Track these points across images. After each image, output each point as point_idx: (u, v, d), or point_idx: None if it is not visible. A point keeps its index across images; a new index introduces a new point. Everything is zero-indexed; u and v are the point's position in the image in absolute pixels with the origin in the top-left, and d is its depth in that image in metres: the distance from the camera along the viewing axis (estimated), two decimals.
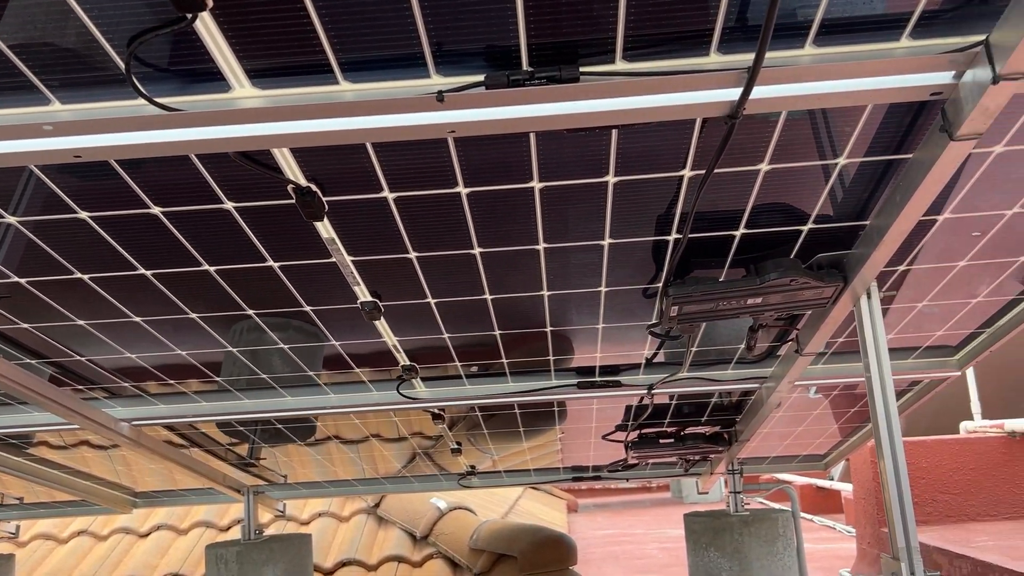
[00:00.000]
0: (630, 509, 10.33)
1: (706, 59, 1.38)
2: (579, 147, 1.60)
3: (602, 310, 2.35)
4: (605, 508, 10.61)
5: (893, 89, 1.41)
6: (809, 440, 4.12)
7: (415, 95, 1.36)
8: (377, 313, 2.19)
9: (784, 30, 1.34)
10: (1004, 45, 1.27)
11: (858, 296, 2.08)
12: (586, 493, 12.16)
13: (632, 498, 11.69)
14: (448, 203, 1.74)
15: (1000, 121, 1.59)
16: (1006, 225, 1.98)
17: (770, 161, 1.68)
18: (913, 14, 1.32)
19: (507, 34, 1.30)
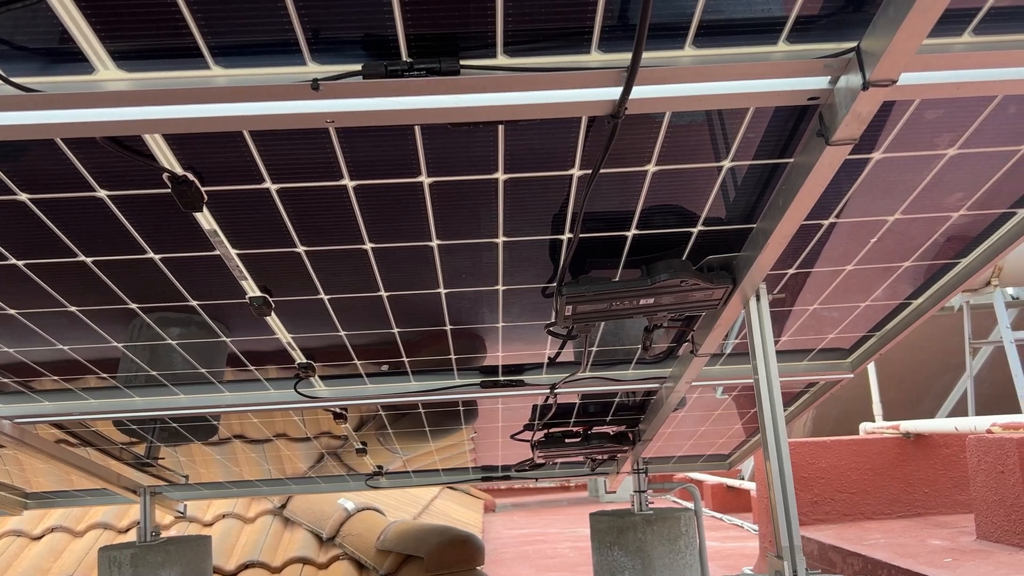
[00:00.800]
0: (547, 508, 10.38)
1: (588, 57, 1.37)
2: (466, 142, 1.57)
3: (501, 309, 2.34)
4: (523, 508, 10.63)
5: (772, 93, 1.43)
6: (714, 440, 4.18)
7: (290, 82, 1.32)
8: (267, 309, 2.14)
9: (663, 30, 1.34)
10: (873, 52, 1.30)
11: (747, 298, 2.11)
12: (505, 493, 12.18)
13: (550, 497, 11.75)
14: (335, 196, 1.70)
15: (878, 128, 1.63)
16: (890, 230, 2.04)
17: (657, 162, 1.68)
18: (788, 19, 1.34)
19: (385, 24, 1.27)
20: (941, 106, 1.59)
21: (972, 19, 1.36)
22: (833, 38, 1.38)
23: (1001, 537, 3.46)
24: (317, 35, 1.29)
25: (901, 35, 1.21)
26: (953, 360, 8.26)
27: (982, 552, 3.44)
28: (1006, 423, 3.53)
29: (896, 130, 1.64)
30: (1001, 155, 1.76)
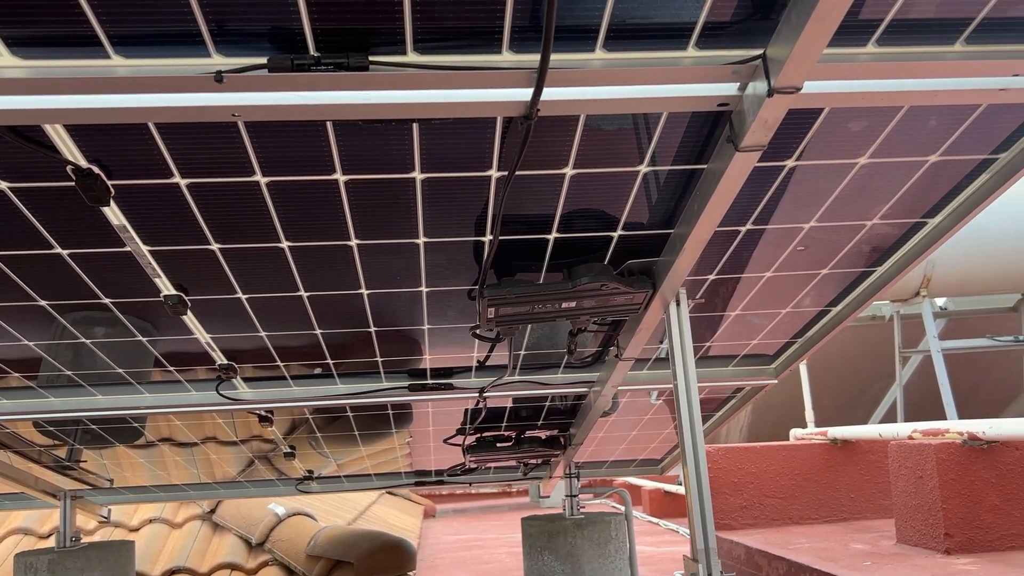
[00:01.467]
0: (488, 513, 10.36)
1: (499, 57, 1.37)
2: (381, 141, 1.56)
3: (426, 311, 2.32)
4: (463, 513, 10.59)
5: (682, 98, 1.45)
6: (646, 444, 4.22)
7: (193, 74, 1.29)
8: (183, 308, 2.09)
9: (573, 32, 1.34)
10: (778, 59, 1.32)
11: (668, 303, 2.13)
12: (446, 498, 12.12)
13: (491, 503, 11.73)
14: (247, 193, 1.67)
15: (793, 135, 1.66)
16: (807, 237, 2.07)
17: (575, 165, 1.69)
18: (697, 24, 1.35)
19: (291, 17, 1.25)
20: (854, 115, 1.62)
21: (875, 30, 1.39)
22: (742, 45, 1.40)
23: (919, 541, 3.54)
24: (222, 27, 1.26)
25: (803, 43, 1.23)
26: (885, 369, 8.45)
27: (900, 555, 3.52)
28: (926, 429, 3.62)
29: (809, 138, 1.67)
30: (913, 164, 1.80)
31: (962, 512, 3.28)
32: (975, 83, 1.45)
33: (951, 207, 1.97)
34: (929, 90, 1.45)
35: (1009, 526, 3.31)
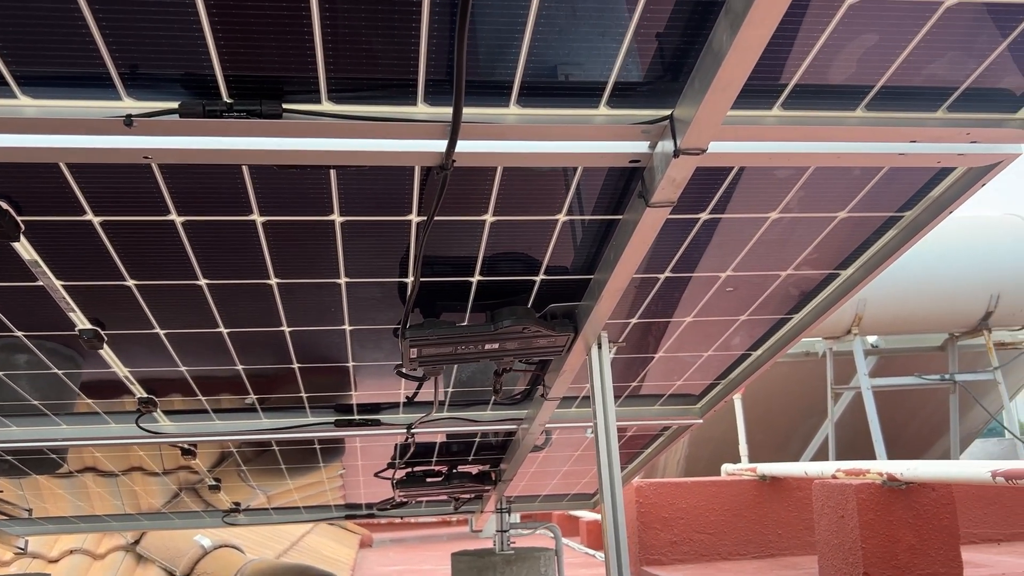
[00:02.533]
0: (426, 543, 10.25)
1: (414, 108, 1.39)
2: (299, 183, 1.56)
3: (350, 349, 2.31)
4: (401, 543, 10.47)
5: (596, 154, 1.48)
6: (578, 479, 4.23)
7: (103, 117, 1.29)
8: (99, 342, 2.05)
9: (488, 87, 1.37)
10: (684, 120, 1.36)
11: (590, 345, 2.15)
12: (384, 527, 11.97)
13: (430, 532, 11.62)
14: (162, 231, 1.66)
15: (707, 189, 1.70)
16: (724, 285, 2.12)
17: (494, 212, 1.71)
18: (608, 84, 1.38)
19: (202, 63, 1.26)
20: (765, 172, 1.67)
21: (780, 94, 1.44)
22: (651, 104, 1.44)
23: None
24: (134, 70, 1.26)
25: (705, 109, 1.27)
26: (818, 404, 8.62)
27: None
28: (849, 469, 3.70)
29: (721, 192, 1.71)
30: (824, 220, 1.86)
31: (881, 551, 3.35)
32: (876, 147, 1.51)
33: (862, 260, 2.04)
34: (833, 152, 1.50)
35: (925, 566, 3.39)
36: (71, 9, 1.13)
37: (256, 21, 1.18)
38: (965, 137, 1.49)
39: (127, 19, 1.16)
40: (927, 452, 9.58)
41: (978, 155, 1.54)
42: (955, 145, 1.51)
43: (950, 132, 1.48)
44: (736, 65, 1.17)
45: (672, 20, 1.26)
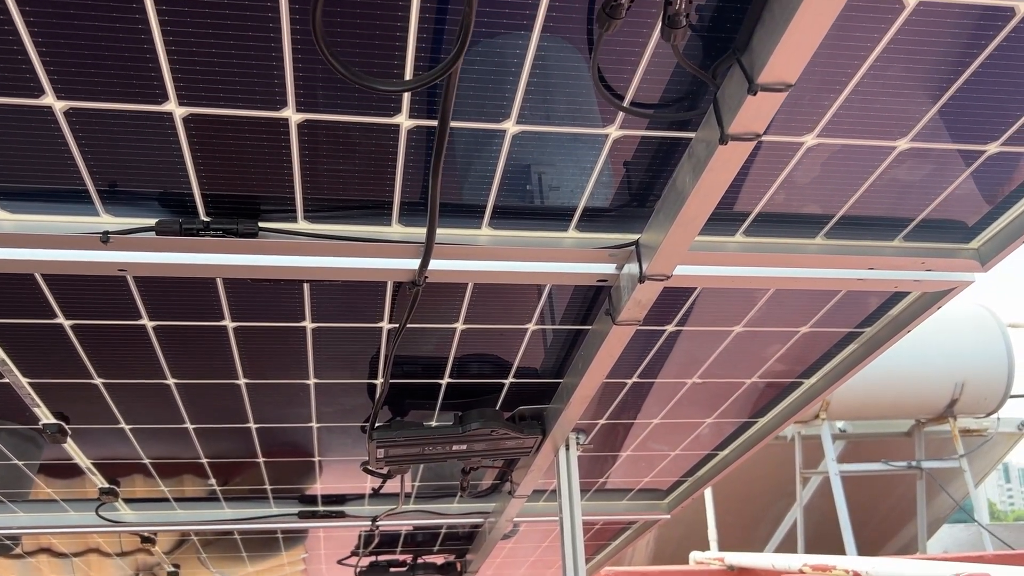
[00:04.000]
0: None
1: (388, 228, 1.42)
2: (272, 293, 1.58)
3: (316, 443, 2.30)
4: None
5: (565, 274, 1.51)
6: (545, 569, 4.18)
7: (80, 233, 1.30)
8: (63, 436, 2.03)
9: (461, 210, 1.40)
10: (650, 246, 1.40)
11: (558, 446, 2.16)
12: None
13: None
14: (133, 334, 1.66)
15: (673, 304, 1.74)
16: (691, 390, 2.15)
17: (465, 321, 1.73)
18: (578, 208, 1.43)
19: (180, 182, 1.28)
20: (729, 290, 1.72)
21: (743, 221, 1.49)
22: (619, 229, 1.48)
23: None
24: (112, 187, 1.28)
25: (669, 240, 1.31)
26: (787, 488, 8.60)
27: None
28: (816, 564, 3.69)
29: (687, 308, 1.75)
30: (786, 333, 1.90)
31: None
32: (835, 273, 1.55)
33: (824, 370, 2.08)
34: (793, 277, 1.55)
35: None
36: (52, 129, 1.16)
37: (235, 145, 1.22)
38: (921, 266, 1.55)
39: (107, 139, 1.19)
40: (896, 536, 9.57)
41: (933, 282, 1.59)
42: (911, 272, 1.56)
43: (906, 261, 1.54)
44: (699, 205, 1.22)
45: (639, 153, 1.31)
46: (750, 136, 1.08)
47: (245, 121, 1.16)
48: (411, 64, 1.07)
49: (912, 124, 1.26)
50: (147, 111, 1.12)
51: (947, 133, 1.28)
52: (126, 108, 1.11)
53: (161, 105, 1.11)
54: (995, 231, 1.55)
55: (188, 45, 1.01)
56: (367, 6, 0.98)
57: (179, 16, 0.97)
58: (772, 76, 0.98)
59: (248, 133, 1.18)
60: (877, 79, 1.16)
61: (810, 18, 0.90)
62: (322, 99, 1.13)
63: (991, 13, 1.06)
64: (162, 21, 0.98)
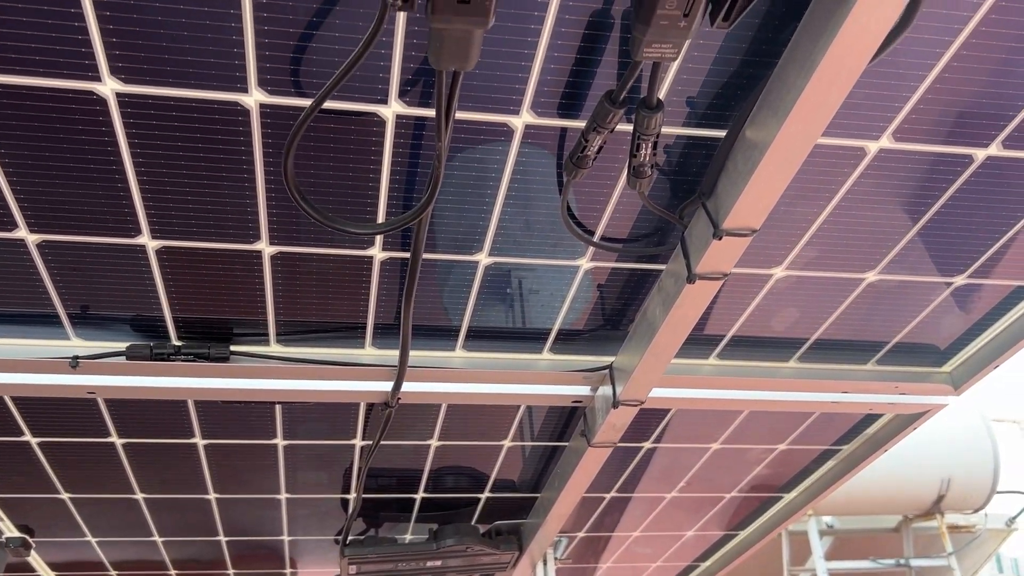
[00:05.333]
0: None
1: (361, 351, 1.42)
2: (243, 412, 1.56)
3: (288, 556, 2.25)
4: None
5: (539, 395, 1.50)
6: None
7: (49, 357, 1.29)
8: (26, 550, 1.98)
9: (435, 331, 1.41)
10: (624, 369, 1.40)
11: (535, 561, 2.12)
12: None
13: None
14: (102, 450, 1.63)
15: (650, 422, 1.73)
16: (669, 504, 2.12)
17: (439, 438, 1.72)
18: (552, 331, 1.43)
19: (151, 306, 1.28)
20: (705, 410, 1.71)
21: (717, 345, 1.49)
22: (593, 351, 1.48)
23: None
24: (84, 311, 1.28)
25: (642, 368, 1.32)
26: None
27: None
28: None
29: (663, 426, 1.74)
30: (764, 450, 1.89)
31: None
32: (809, 396, 1.55)
33: (803, 486, 2.06)
34: (768, 400, 1.55)
35: None
36: (24, 260, 1.16)
37: (208, 274, 1.22)
38: (894, 390, 1.55)
39: (79, 268, 1.19)
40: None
41: (907, 405, 1.60)
42: (885, 396, 1.57)
43: (880, 385, 1.54)
44: (669, 337, 1.22)
45: (612, 281, 1.32)
46: (717, 276, 1.09)
47: (218, 252, 1.16)
48: (384, 204, 1.09)
49: (879, 258, 1.28)
50: (120, 244, 1.13)
51: (914, 266, 1.30)
52: (99, 241, 1.12)
53: (134, 239, 1.12)
54: (967, 355, 1.56)
55: (162, 185, 1.03)
56: (341, 151, 1.00)
57: (153, 160, 0.99)
58: (737, 222, 1.00)
59: (221, 264, 1.19)
60: (842, 217, 1.18)
61: (772, 170, 0.92)
62: (296, 233, 1.14)
63: (950, 159, 1.09)
64: (136, 164, 0.99)
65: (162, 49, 0.84)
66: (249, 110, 0.92)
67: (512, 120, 0.98)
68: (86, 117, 0.92)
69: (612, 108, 0.88)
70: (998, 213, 1.20)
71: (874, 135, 1.03)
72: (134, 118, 0.92)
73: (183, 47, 0.84)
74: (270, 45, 0.85)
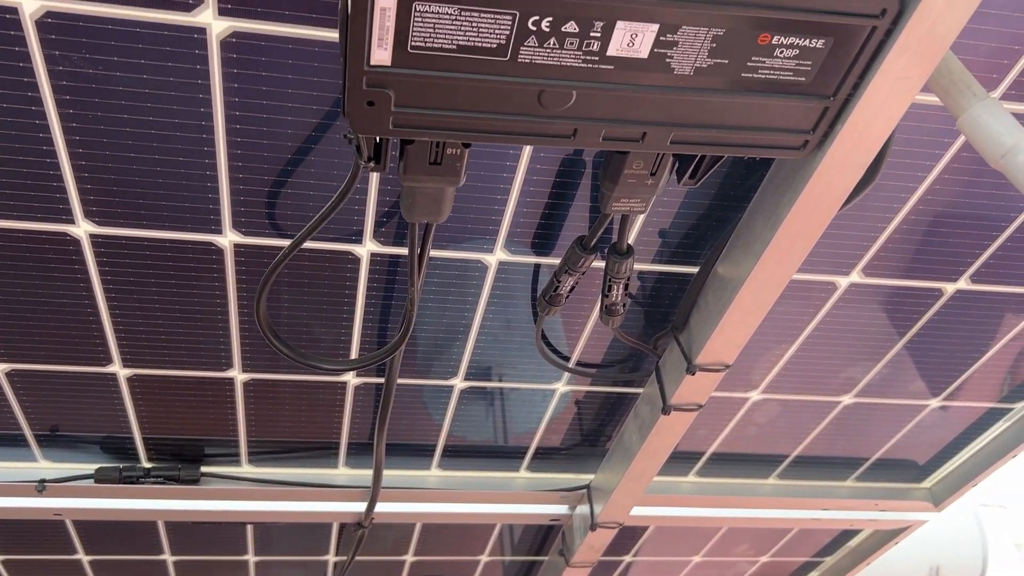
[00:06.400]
0: None
1: (335, 471, 1.40)
2: (213, 532, 1.53)
3: None
4: None
5: (516, 514, 1.48)
6: None
7: (14, 481, 1.27)
8: None
9: (410, 450, 1.39)
10: (601, 490, 1.38)
11: None
12: None
13: None
14: (68, 568, 1.59)
15: (628, 536, 1.70)
16: None
17: (415, 554, 1.68)
18: (529, 449, 1.42)
19: (121, 427, 1.26)
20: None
21: (696, 462, 1.48)
22: (571, 469, 1.47)
23: None
24: (53, 432, 1.26)
25: (619, 492, 1.30)
26: None
27: None
28: None
29: (643, 540, 1.72)
30: (746, 563, 1.86)
31: None
32: (789, 513, 1.54)
33: None
34: (747, 517, 1.53)
35: None
36: None
37: (180, 399, 1.21)
38: (874, 507, 1.54)
39: (48, 394, 1.17)
40: None
41: (887, 521, 1.58)
42: (865, 513, 1.55)
43: (859, 502, 1.53)
44: (646, 463, 1.21)
45: (588, 403, 1.32)
46: (692, 407, 1.09)
47: (190, 379, 1.15)
48: (358, 338, 1.09)
49: (855, 383, 1.28)
50: (91, 372, 1.12)
51: (890, 391, 1.30)
52: (69, 370, 1.11)
53: (105, 367, 1.11)
54: (947, 472, 1.55)
55: (134, 318, 1.02)
56: (315, 288, 1.00)
57: (126, 295, 0.98)
58: (710, 358, 1.00)
59: (193, 389, 1.18)
60: (815, 346, 1.19)
61: (744, 309, 0.93)
62: (269, 361, 1.13)
63: (921, 292, 1.10)
64: (109, 298, 0.99)
65: (136, 194, 0.85)
66: (223, 249, 0.93)
67: (486, 257, 0.98)
68: (59, 256, 0.92)
69: (583, 254, 0.89)
70: (970, 340, 1.21)
71: (844, 271, 1.04)
72: (107, 256, 0.92)
73: (157, 192, 0.85)
74: (245, 191, 0.86)
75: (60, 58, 0.71)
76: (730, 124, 0.69)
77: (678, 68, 0.65)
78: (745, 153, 0.72)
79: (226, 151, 0.81)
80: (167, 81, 0.74)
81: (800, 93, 0.68)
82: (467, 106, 0.65)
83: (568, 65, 0.63)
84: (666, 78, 0.65)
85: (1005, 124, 0.68)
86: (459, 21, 0.58)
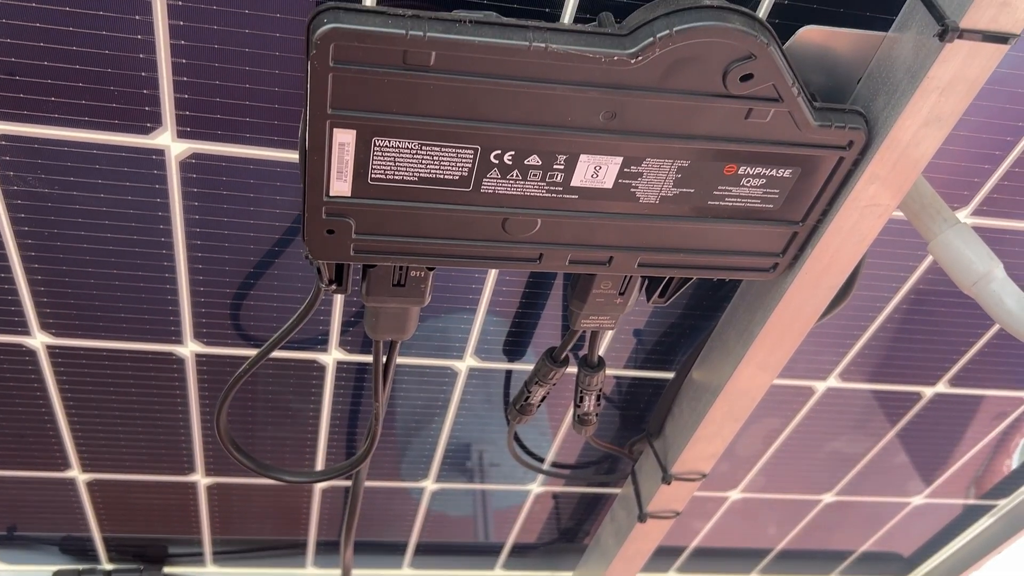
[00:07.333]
0: None
1: (302, 571, 1.35)
2: None
3: None
4: None
5: None
6: None
7: None
8: None
9: (382, 548, 1.35)
10: None
11: None
12: None
13: None
14: None
15: None
16: None
17: None
18: (505, 546, 1.38)
19: (80, 528, 1.22)
20: None
21: (678, 557, 1.45)
22: (549, 565, 1.43)
23: None
24: (10, 533, 1.22)
25: None
26: None
27: None
28: None
29: None
30: None
31: None
32: None
33: None
34: None
35: None
36: None
37: (141, 502, 1.17)
38: None
39: (4, 498, 1.13)
40: None
41: None
42: None
43: None
44: (623, 568, 1.18)
45: (565, 501, 1.28)
46: (669, 514, 1.06)
47: (152, 483, 1.12)
48: (324, 446, 1.06)
49: (835, 482, 1.25)
50: (49, 477, 1.08)
51: (870, 489, 1.28)
52: (27, 475, 1.07)
53: (64, 472, 1.07)
54: (933, 566, 1.52)
55: (94, 426, 0.99)
56: (280, 395, 0.98)
57: (84, 403, 0.96)
58: (686, 467, 0.97)
59: (155, 492, 1.14)
60: (791, 447, 1.16)
61: (719, 421, 0.91)
62: (233, 466, 1.10)
63: (899, 395, 1.08)
64: (67, 407, 0.96)
65: (94, 307, 0.82)
66: (184, 359, 0.90)
67: (456, 364, 0.96)
68: (15, 366, 0.89)
69: (553, 367, 0.87)
70: (951, 441, 1.19)
71: (821, 376, 1.03)
72: (64, 367, 0.90)
73: (116, 304, 0.83)
74: (206, 303, 0.84)
75: (15, 178, 0.69)
76: (698, 248, 0.68)
77: (643, 197, 0.63)
78: (714, 275, 0.71)
79: (187, 265, 0.79)
80: (125, 200, 0.72)
81: (768, 219, 0.67)
82: (429, 233, 0.64)
83: (532, 195, 0.62)
84: (631, 206, 0.64)
85: (976, 251, 0.67)
86: (420, 155, 0.57)
